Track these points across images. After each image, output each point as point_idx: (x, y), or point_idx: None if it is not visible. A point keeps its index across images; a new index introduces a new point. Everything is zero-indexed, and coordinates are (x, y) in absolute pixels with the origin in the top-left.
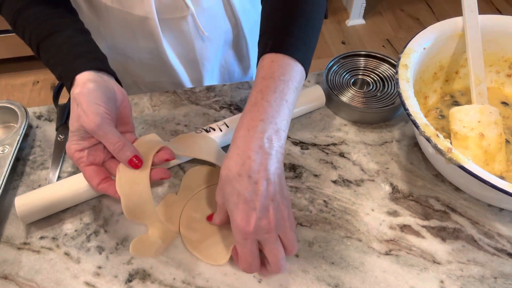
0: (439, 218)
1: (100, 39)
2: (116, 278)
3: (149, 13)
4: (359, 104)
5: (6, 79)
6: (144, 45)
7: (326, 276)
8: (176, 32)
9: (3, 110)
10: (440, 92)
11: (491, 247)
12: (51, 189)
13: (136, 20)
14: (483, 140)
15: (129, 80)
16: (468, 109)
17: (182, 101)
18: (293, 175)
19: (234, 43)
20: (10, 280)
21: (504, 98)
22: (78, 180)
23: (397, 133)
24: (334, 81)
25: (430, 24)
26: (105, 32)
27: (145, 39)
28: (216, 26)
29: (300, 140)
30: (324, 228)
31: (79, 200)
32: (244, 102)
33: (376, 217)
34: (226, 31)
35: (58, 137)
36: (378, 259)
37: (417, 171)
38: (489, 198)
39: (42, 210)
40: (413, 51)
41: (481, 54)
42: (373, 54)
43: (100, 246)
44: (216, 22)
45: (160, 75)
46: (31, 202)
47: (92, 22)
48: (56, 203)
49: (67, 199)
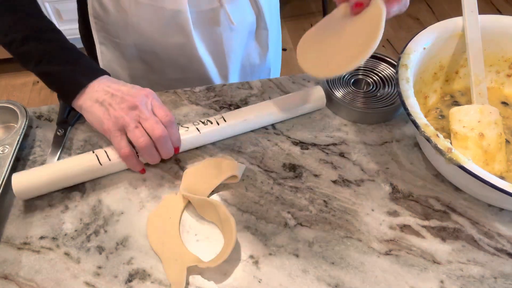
0: (439, 218)
1: (128, 38)
2: (116, 278)
3: (181, 5)
4: (359, 104)
5: (6, 79)
6: (175, 41)
7: (326, 276)
8: (206, 24)
9: (3, 110)
10: (440, 92)
11: (491, 247)
12: (49, 167)
13: (168, 14)
14: (483, 140)
15: (154, 77)
16: (468, 109)
17: (182, 101)
18: (293, 175)
19: (257, 34)
20: (10, 280)
21: (504, 98)
22: (77, 160)
23: (397, 133)
24: (334, 81)
25: (430, 24)
26: (133, 31)
27: (176, 34)
28: (243, 16)
29: (300, 140)
30: (324, 228)
31: (74, 181)
32: (244, 102)
33: (376, 217)
34: (251, 22)
35: (57, 131)
36: (378, 259)
37: (417, 171)
38: (489, 198)
39: (39, 186)
40: (413, 51)
41: (481, 54)
42: (373, 54)
43: (100, 246)
44: (243, 12)
45: (187, 71)
46: (27, 177)
47: (118, 22)
48: (54, 180)
49: (64, 177)
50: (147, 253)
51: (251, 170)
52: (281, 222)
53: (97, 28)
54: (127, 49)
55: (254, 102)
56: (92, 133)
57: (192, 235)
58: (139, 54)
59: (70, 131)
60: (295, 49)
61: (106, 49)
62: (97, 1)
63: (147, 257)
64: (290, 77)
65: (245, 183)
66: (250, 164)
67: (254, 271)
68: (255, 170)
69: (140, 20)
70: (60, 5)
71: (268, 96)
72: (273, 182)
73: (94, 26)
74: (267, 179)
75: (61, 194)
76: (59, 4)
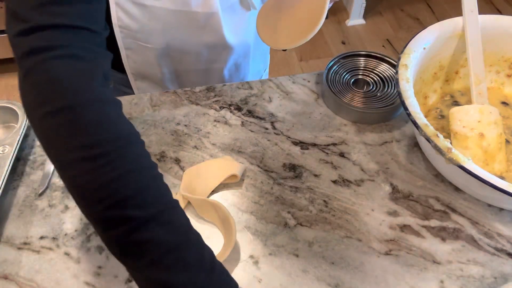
0: (439, 218)
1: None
2: (116, 278)
3: (212, 7)
4: (359, 104)
5: (6, 79)
6: (207, 39)
7: (326, 276)
8: (235, 16)
9: (3, 110)
10: (440, 92)
11: (491, 247)
12: None
13: (201, 17)
14: (483, 140)
15: (181, 68)
16: (468, 109)
17: (182, 101)
18: (293, 175)
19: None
20: (10, 280)
21: (504, 98)
22: None
23: (397, 133)
24: (334, 81)
25: (430, 24)
26: (166, 36)
27: (208, 34)
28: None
29: (300, 140)
30: (324, 228)
31: None
32: (244, 102)
33: (376, 217)
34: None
35: None
36: (378, 259)
37: (417, 171)
38: (489, 198)
39: None
40: (413, 51)
41: (481, 54)
42: (373, 54)
43: (100, 246)
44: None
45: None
46: None
47: (149, 30)
48: None
49: None
50: None
51: (251, 170)
52: (281, 222)
53: (123, 36)
54: (157, 51)
55: (254, 102)
56: None
57: None
58: (170, 52)
59: None
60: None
61: (132, 53)
62: (122, 11)
63: None
64: (290, 77)
65: (245, 183)
66: (250, 164)
67: (254, 271)
68: (255, 170)
69: (172, 24)
70: None
71: (268, 96)
72: (273, 182)
73: (119, 35)
74: (267, 179)
75: (61, 194)
76: None
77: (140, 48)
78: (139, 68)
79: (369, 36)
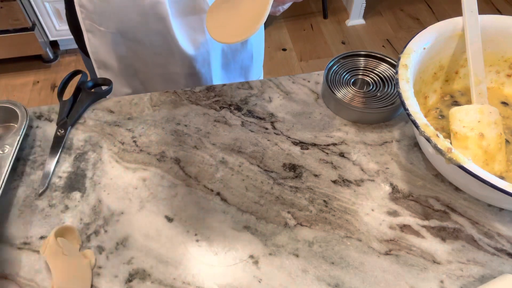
0: (439, 218)
1: (111, 26)
2: (116, 278)
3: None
4: (359, 104)
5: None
6: (155, 28)
7: (326, 276)
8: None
9: (3, 110)
10: (440, 92)
11: (491, 247)
12: None
13: (147, 3)
14: (483, 140)
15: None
16: (468, 109)
17: (182, 101)
18: (293, 175)
19: None
20: (10, 280)
21: (504, 98)
22: None
23: (397, 133)
24: (334, 81)
25: (430, 24)
26: (115, 19)
27: (155, 22)
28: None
29: (300, 140)
30: (324, 228)
31: None
32: (244, 102)
33: (376, 217)
34: None
35: (57, 131)
36: (378, 259)
37: (417, 171)
38: (489, 198)
39: None
40: (413, 51)
41: (481, 54)
42: (373, 54)
43: (100, 246)
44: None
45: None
46: None
47: (101, 11)
48: None
49: None
50: (147, 253)
51: (251, 170)
52: (281, 222)
53: (83, 16)
54: (112, 37)
55: (254, 102)
56: (92, 133)
57: (192, 235)
58: (124, 41)
59: (70, 131)
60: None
61: (92, 36)
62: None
63: (147, 257)
64: (290, 77)
65: (245, 183)
66: (250, 164)
67: (254, 271)
68: (255, 170)
69: (121, 8)
70: (60, 5)
71: (268, 96)
72: (273, 182)
73: (80, 15)
74: (267, 179)
75: (61, 194)
76: (59, 4)
77: (97, 31)
78: (99, 54)
79: (369, 36)
